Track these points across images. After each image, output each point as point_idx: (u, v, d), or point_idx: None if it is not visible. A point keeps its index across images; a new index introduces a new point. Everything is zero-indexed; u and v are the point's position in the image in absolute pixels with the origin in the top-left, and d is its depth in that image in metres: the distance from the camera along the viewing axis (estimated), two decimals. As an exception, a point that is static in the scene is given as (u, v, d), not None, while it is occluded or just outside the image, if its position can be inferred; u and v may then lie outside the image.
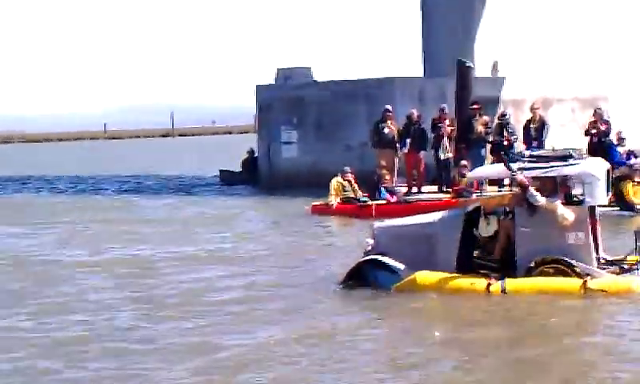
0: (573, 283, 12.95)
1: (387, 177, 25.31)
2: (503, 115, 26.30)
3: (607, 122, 25.56)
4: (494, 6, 32.73)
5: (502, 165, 14.25)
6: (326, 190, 24.52)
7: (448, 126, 26.18)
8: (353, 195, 24.51)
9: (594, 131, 25.15)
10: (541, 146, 25.29)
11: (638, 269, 13.53)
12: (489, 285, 13.15)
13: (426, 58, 33.98)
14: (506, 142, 25.10)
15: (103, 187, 37.50)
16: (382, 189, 24.61)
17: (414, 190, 26.10)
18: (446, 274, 13.41)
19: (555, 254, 13.17)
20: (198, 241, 20.08)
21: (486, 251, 13.93)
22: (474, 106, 25.83)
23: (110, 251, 18.96)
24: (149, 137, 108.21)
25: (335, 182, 24.58)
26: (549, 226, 13.14)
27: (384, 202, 24.15)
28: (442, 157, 26.00)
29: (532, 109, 26.34)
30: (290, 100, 32.60)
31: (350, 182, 24.74)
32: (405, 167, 26.72)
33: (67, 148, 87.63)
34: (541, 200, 13.14)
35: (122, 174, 43.84)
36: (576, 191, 13.82)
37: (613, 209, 22.05)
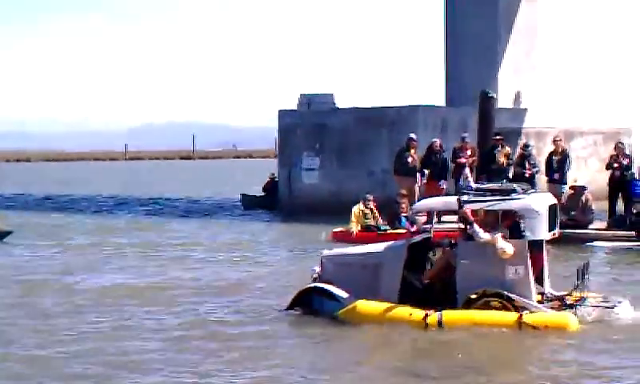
0: (509, 317, 13.03)
1: (404, 205, 25.29)
2: (526, 146, 26.28)
3: (629, 156, 25.53)
4: (518, 36, 32.80)
5: (447, 197, 14.59)
6: (348, 216, 24.52)
7: (469, 156, 26.17)
8: (373, 223, 24.50)
9: (615, 165, 25.11)
10: (563, 178, 25.31)
11: (579, 305, 13.63)
12: (426, 316, 13.22)
13: (449, 87, 34.08)
14: (527, 174, 25.06)
15: (122, 209, 37.63)
16: (402, 217, 24.59)
17: (435, 219, 26.04)
18: (386, 304, 13.55)
19: (495, 287, 13.28)
20: (215, 266, 20.11)
21: (430, 282, 14.06)
22: (497, 137, 25.83)
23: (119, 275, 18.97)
24: (169, 159, 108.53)
25: (357, 209, 24.58)
26: (489, 259, 13.26)
27: (404, 230, 24.11)
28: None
29: (554, 141, 26.33)
30: (312, 126, 32.70)
31: (371, 209, 24.74)
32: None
33: (88, 167, 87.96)
34: (483, 236, 13.29)
35: (142, 196, 44.00)
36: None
37: (634, 243, 22.02)
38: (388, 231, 23.90)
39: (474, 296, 13.30)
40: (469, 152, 26.28)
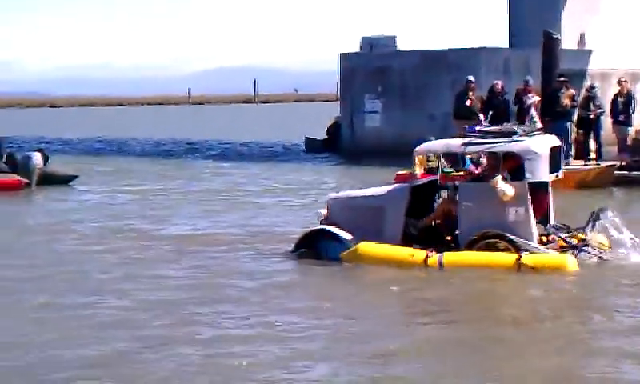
0: (507, 258, 13.15)
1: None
2: (592, 88, 26.03)
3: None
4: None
5: (450, 139, 14.80)
6: (410, 159, 24.45)
7: (534, 97, 25.98)
8: (436, 165, 24.44)
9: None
10: (628, 120, 25.07)
11: (582, 247, 13.69)
12: (427, 257, 13.40)
13: (511, 29, 33.78)
14: (592, 116, 24.86)
15: (189, 154, 37.98)
16: (467, 159, 24.52)
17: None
18: (387, 246, 13.74)
19: (496, 228, 13.42)
20: (278, 211, 20.25)
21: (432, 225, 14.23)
22: (561, 79, 25.59)
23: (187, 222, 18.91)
24: (232, 103, 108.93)
25: (419, 152, 24.52)
26: (490, 201, 13.41)
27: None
28: (528, 128, 25.78)
29: (620, 82, 26.04)
30: (374, 69, 32.65)
31: (434, 152, 24.67)
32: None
33: (152, 112, 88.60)
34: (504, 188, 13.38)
35: (207, 141, 44.35)
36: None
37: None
38: (452, 173, 23.88)
39: (475, 237, 13.46)
40: (532, 94, 26.08)
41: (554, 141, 14.40)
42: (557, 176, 14.13)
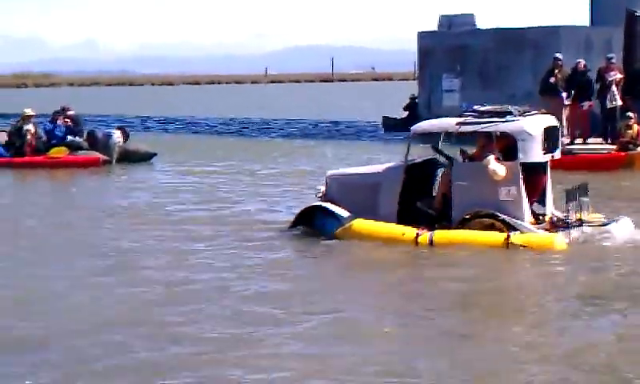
0: (497, 237, 13.28)
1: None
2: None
3: None
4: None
5: (447, 119, 14.83)
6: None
7: (616, 74, 25.60)
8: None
9: None
10: None
11: (572, 226, 13.70)
12: (417, 235, 13.58)
13: (593, 6, 33.29)
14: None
15: (265, 132, 38.15)
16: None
17: (579, 141, 25.69)
18: (380, 223, 13.93)
19: (488, 207, 13.56)
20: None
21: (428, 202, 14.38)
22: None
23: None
24: (309, 81, 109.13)
25: (499, 131, 24.34)
26: (483, 181, 13.52)
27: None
28: (610, 106, 25.44)
29: None
30: (452, 48, 32.41)
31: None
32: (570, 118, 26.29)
33: (229, 90, 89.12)
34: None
35: (286, 118, 44.48)
36: None
37: None
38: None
39: (467, 216, 13.61)
40: (614, 72, 25.71)
41: (549, 121, 14.36)
42: (552, 157, 14.17)
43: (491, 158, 13.52)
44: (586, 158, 23.45)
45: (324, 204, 14.60)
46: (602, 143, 25.19)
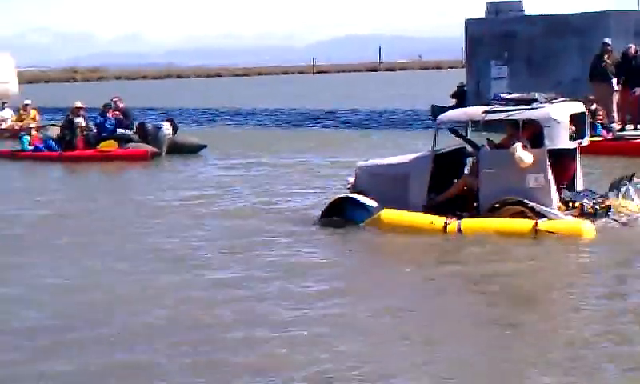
0: (525, 224, 13.28)
1: (601, 112, 24.75)
2: None
3: None
4: None
5: (473, 107, 14.87)
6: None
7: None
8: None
9: None
10: None
11: (602, 214, 13.71)
12: (446, 224, 13.63)
13: (642, -9, 32.99)
14: None
15: (314, 123, 38.21)
16: (598, 125, 24.11)
17: (630, 127, 25.48)
18: (408, 213, 14.02)
19: (516, 195, 13.58)
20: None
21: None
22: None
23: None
24: (356, 71, 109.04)
25: (548, 118, 24.21)
26: (510, 168, 13.54)
27: (599, 138, 23.70)
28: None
29: None
30: (500, 35, 32.25)
31: (562, 118, 24.33)
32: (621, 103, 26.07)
33: (276, 82, 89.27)
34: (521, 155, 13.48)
35: (335, 108, 44.51)
36: None
37: None
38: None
39: (495, 204, 13.65)
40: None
41: (576, 107, 14.34)
42: (580, 143, 14.14)
43: (518, 145, 13.51)
44: (637, 144, 23.32)
45: (353, 195, 14.74)
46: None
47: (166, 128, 26.07)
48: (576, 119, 14.00)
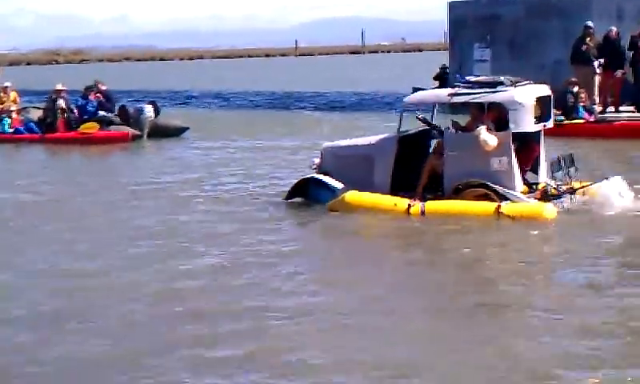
0: (487, 207, 13.39)
1: (583, 95, 24.77)
2: None
3: None
4: None
5: (439, 89, 14.74)
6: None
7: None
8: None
9: None
10: None
11: (563, 195, 13.87)
12: (409, 206, 13.69)
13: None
14: None
15: (296, 105, 38.15)
16: (580, 107, 24.14)
17: (611, 109, 25.51)
18: (372, 195, 14.05)
19: (480, 177, 13.67)
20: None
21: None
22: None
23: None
24: (339, 53, 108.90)
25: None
26: (475, 151, 13.59)
27: (581, 120, 23.74)
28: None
29: None
30: (482, 17, 32.21)
31: (545, 101, 24.35)
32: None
33: (259, 64, 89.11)
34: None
35: (318, 90, 44.44)
36: None
37: None
38: (564, 122, 23.55)
39: (459, 186, 13.73)
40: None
41: (541, 90, 14.43)
42: (544, 126, 14.26)
43: (482, 128, 13.60)
44: (622, 125, 23.40)
45: (318, 176, 14.81)
46: (633, 111, 25.01)
47: (148, 110, 25.99)
48: (541, 102, 14.10)
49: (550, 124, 14.47)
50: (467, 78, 14.68)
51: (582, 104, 24.25)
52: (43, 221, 14.67)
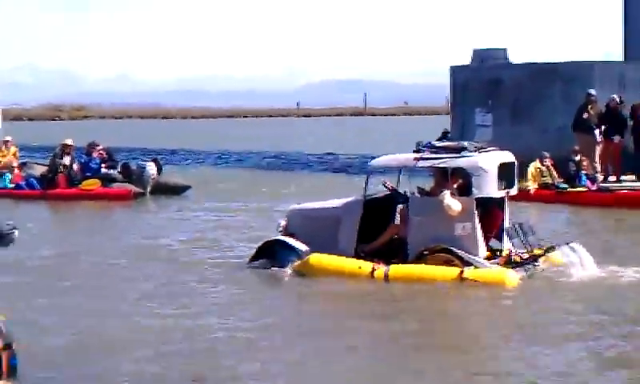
0: (451, 272, 13.44)
1: (585, 163, 24.79)
2: None
3: None
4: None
5: (404, 154, 15.01)
6: (521, 174, 24.29)
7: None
8: (550, 181, 24.18)
9: None
10: None
11: (526, 262, 13.99)
12: (373, 269, 13.74)
13: (627, 41, 33.17)
14: None
15: (301, 164, 38.19)
16: (582, 175, 24.15)
17: (612, 178, 25.51)
18: (337, 258, 14.08)
19: (444, 242, 13.75)
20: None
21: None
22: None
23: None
24: (341, 115, 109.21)
25: (533, 168, 24.34)
26: (439, 216, 13.70)
27: (584, 189, 23.73)
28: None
29: None
30: (485, 82, 32.30)
31: (548, 167, 24.43)
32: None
33: (260, 124, 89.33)
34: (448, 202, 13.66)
35: (317, 152, 44.50)
36: None
37: None
38: (567, 189, 23.57)
39: (423, 251, 13.80)
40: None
41: (505, 157, 14.54)
42: (508, 192, 14.36)
43: (446, 193, 13.71)
44: (625, 195, 23.36)
45: (283, 238, 14.85)
46: (635, 180, 24.98)
47: (151, 168, 26.02)
48: (504, 169, 14.16)
49: (513, 191, 14.56)
50: (432, 142, 14.83)
51: (584, 172, 24.26)
52: (38, 279, 14.59)
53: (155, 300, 12.95)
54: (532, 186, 24.04)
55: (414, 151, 14.71)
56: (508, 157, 14.61)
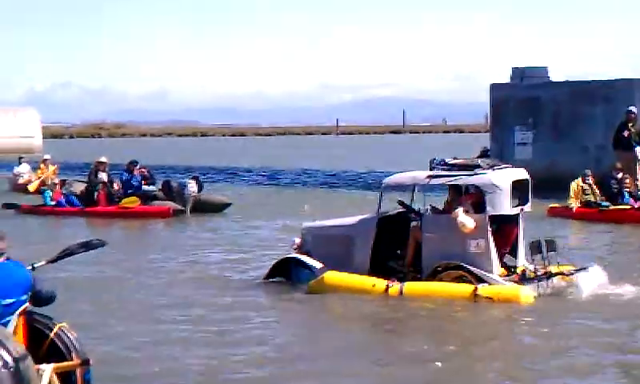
0: (465, 289, 13.43)
1: (628, 181, 24.58)
2: None
3: None
4: None
5: (418, 171, 14.92)
6: (561, 192, 24.13)
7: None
8: (593, 199, 24.01)
9: None
10: None
11: (540, 279, 13.90)
12: (387, 287, 13.74)
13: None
14: None
15: (341, 183, 38.16)
16: (625, 193, 23.95)
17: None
18: (351, 275, 14.08)
19: (457, 259, 13.73)
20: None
21: (401, 255, 14.50)
22: None
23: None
24: (379, 133, 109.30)
25: (575, 185, 24.20)
26: (452, 233, 13.68)
27: (627, 206, 23.53)
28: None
29: None
30: (525, 100, 32.21)
31: (590, 185, 24.25)
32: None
33: (301, 142, 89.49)
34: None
35: (355, 170, 44.48)
36: None
37: None
38: (610, 207, 23.40)
39: (437, 268, 13.79)
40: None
41: (519, 174, 14.48)
42: (522, 209, 14.30)
43: (460, 210, 13.70)
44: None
45: (297, 255, 14.91)
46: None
47: (191, 186, 26.08)
48: (518, 186, 14.13)
49: (527, 207, 14.48)
50: (446, 160, 14.72)
51: (626, 190, 24.05)
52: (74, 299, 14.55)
53: (201, 330, 12.77)
54: (574, 203, 23.89)
55: (430, 168, 14.68)
56: (522, 174, 14.57)
